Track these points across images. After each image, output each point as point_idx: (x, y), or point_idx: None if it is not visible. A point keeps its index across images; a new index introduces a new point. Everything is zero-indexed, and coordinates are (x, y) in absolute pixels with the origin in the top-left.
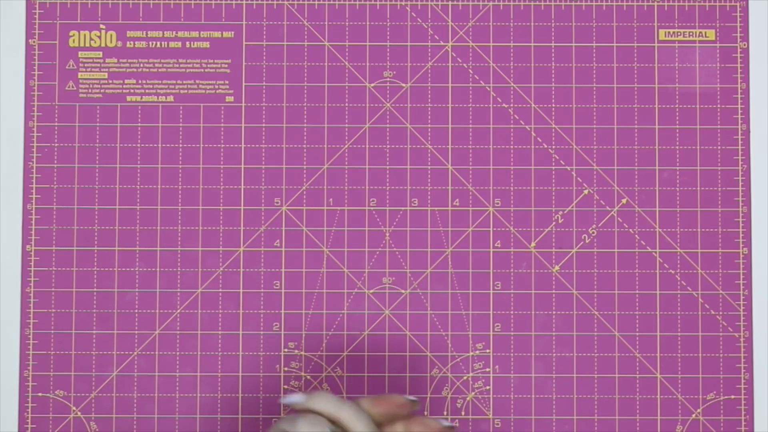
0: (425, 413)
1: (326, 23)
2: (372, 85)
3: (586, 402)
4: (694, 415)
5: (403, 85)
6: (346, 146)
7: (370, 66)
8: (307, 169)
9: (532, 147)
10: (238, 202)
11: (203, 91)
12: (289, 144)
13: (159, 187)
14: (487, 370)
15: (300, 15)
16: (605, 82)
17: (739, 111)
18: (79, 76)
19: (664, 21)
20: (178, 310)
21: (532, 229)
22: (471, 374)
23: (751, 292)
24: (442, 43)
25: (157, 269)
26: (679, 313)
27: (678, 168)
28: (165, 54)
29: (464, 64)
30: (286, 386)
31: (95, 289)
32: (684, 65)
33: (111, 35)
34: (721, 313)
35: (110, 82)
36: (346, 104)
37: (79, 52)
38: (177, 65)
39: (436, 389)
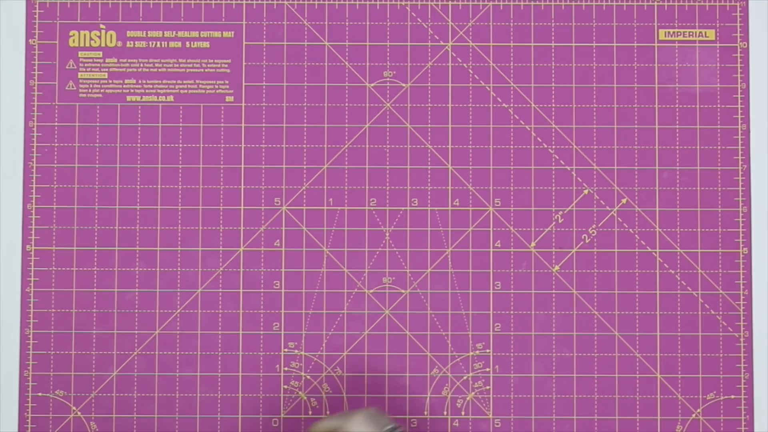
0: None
1: (326, 23)
2: (372, 85)
3: (586, 402)
4: (694, 415)
5: (403, 85)
6: (346, 146)
7: (370, 66)
8: (307, 169)
9: (532, 147)
10: (238, 202)
11: (203, 91)
12: (289, 144)
13: (159, 187)
14: (487, 370)
15: (300, 15)
16: (605, 82)
17: (739, 111)
18: (79, 76)
19: (664, 21)
20: (178, 310)
21: (532, 229)
22: (471, 374)
23: (751, 292)
24: (442, 43)
25: (157, 269)
26: (679, 313)
27: (678, 168)
28: (165, 54)
29: (464, 64)
30: (286, 386)
31: (95, 289)
32: (684, 65)
33: (111, 35)
34: (721, 313)
35: (110, 82)
36: (346, 104)
37: (79, 52)
38: (177, 65)
39: (436, 389)
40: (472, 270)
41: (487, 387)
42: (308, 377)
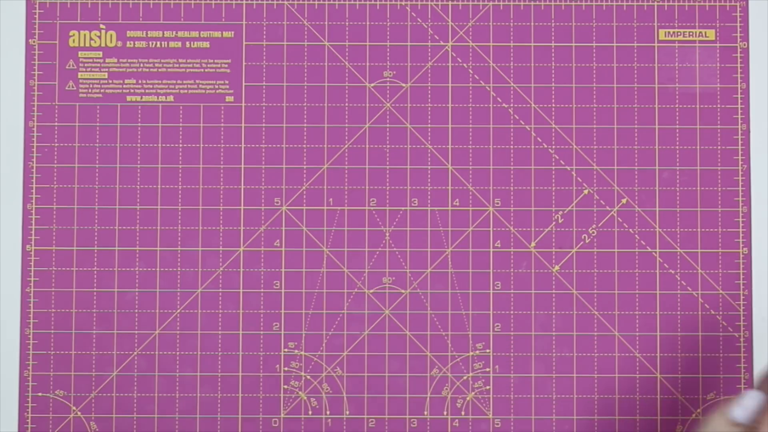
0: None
1: (326, 23)
2: (372, 85)
3: (586, 402)
4: (694, 415)
5: (403, 85)
6: (346, 146)
7: (370, 66)
8: (307, 169)
9: (532, 147)
10: (238, 202)
11: (203, 91)
12: (289, 144)
13: (159, 187)
14: (487, 370)
15: (300, 15)
16: (605, 82)
17: (739, 111)
18: (79, 76)
19: (664, 21)
20: (178, 310)
21: (532, 229)
22: (471, 374)
23: (751, 292)
24: (442, 43)
25: (157, 269)
26: (679, 313)
27: (678, 168)
28: (165, 54)
29: (464, 64)
30: (286, 386)
31: (95, 289)
32: (684, 65)
33: (111, 35)
34: (721, 313)
35: (110, 82)
36: (346, 104)
37: (79, 52)
38: (177, 65)
39: (436, 389)
40: (472, 270)
41: (487, 387)
42: (308, 377)
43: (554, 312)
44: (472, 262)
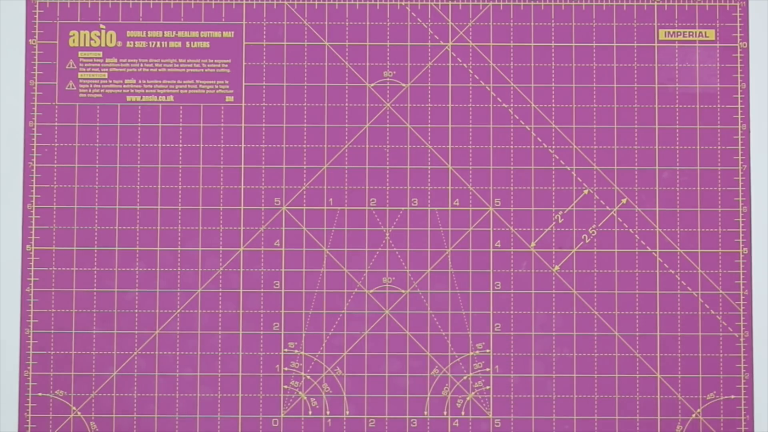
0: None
1: (326, 23)
2: (372, 85)
3: (586, 402)
4: (694, 415)
5: (403, 85)
6: (346, 146)
7: (370, 66)
8: (307, 169)
9: (532, 147)
10: (238, 202)
11: (203, 91)
12: (289, 144)
13: (159, 187)
14: (487, 370)
15: (300, 15)
16: (605, 82)
17: (739, 111)
18: (79, 76)
19: (664, 21)
20: (178, 310)
21: (532, 229)
22: (471, 374)
23: (751, 292)
24: (442, 43)
25: (157, 269)
26: (679, 313)
27: (678, 168)
28: (165, 54)
29: (464, 64)
30: (286, 386)
31: (95, 289)
32: (684, 65)
33: (111, 35)
34: (721, 313)
35: (110, 82)
36: (346, 104)
37: (79, 52)
38: (177, 65)
39: (436, 389)
40: (472, 270)
41: (487, 387)
42: (308, 377)
43: (554, 312)
44: (472, 262)
